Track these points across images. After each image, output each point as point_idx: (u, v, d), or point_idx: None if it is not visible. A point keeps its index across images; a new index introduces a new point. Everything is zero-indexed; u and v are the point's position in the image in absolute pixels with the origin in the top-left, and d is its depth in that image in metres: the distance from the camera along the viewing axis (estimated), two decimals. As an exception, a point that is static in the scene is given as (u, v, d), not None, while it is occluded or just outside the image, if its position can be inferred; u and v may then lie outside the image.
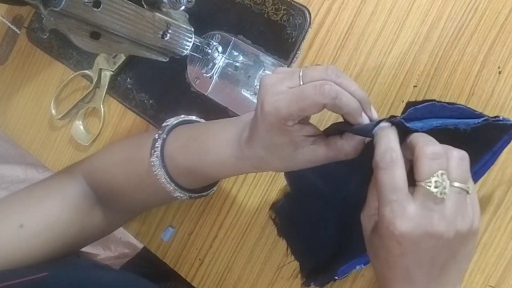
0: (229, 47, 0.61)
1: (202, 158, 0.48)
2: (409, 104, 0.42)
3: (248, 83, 0.60)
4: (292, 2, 0.59)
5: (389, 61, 0.54)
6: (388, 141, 0.38)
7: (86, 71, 0.70)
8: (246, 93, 0.60)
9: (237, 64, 0.61)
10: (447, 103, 0.42)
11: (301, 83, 0.40)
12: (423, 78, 0.53)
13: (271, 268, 0.58)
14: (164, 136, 0.51)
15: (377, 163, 0.37)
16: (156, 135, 0.51)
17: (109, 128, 0.69)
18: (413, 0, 0.54)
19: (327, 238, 0.53)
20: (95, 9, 0.48)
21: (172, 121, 0.54)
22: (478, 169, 0.45)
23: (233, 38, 0.61)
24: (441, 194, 0.36)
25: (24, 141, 0.76)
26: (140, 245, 0.93)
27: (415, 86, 0.53)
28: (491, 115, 0.43)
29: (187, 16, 0.61)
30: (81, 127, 0.71)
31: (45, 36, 0.74)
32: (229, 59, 0.61)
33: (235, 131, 0.46)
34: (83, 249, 0.78)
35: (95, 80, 0.69)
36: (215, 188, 0.56)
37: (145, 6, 0.54)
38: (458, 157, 0.37)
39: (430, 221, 0.36)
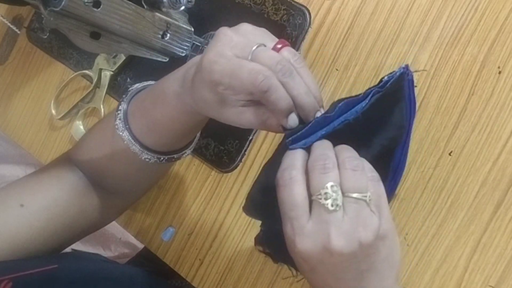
0: (229, 47, 0.61)
1: (154, 104, 0.47)
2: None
3: (248, 83, 0.60)
4: (292, 2, 0.59)
5: (389, 61, 0.54)
6: (291, 158, 0.38)
7: (86, 71, 0.70)
8: (246, 93, 0.60)
9: (237, 64, 0.61)
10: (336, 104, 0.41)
11: (249, 58, 0.39)
12: (423, 78, 0.53)
13: (271, 268, 0.58)
14: (129, 98, 0.50)
15: (277, 181, 0.37)
16: (121, 99, 0.51)
17: (109, 128, 0.69)
18: (413, 0, 0.54)
19: None
20: (95, 9, 0.48)
21: (137, 85, 0.53)
22: (409, 119, 0.43)
23: (233, 38, 0.61)
24: (332, 206, 0.35)
25: (24, 141, 0.76)
26: (140, 245, 0.93)
27: (415, 86, 0.53)
28: (490, 115, 0.43)
29: (187, 16, 0.61)
30: (81, 127, 0.71)
31: (45, 36, 0.74)
32: (229, 59, 0.61)
33: (183, 70, 0.45)
34: (83, 249, 0.78)
35: (95, 80, 0.69)
36: (188, 151, 0.53)
37: (145, 6, 0.54)
38: (351, 168, 0.37)
39: (327, 236, 0.35)
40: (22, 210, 0.50)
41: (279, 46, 0.41)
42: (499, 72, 0.50)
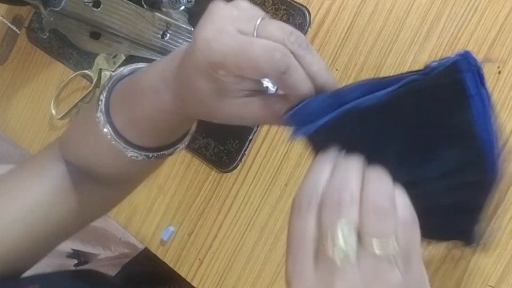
0: (229, 47, 0.61)
1: (133, 99, 0.40)
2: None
3: (248, 83, 0.60)
4: (292, 2, 0.59)
5: (389, 61, 0.54)
6: (317, 172, 0.30)
7: (86, 71, 0.70)
8: (246, 93, 0.60)
9: (237, 64, 0.61)
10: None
11: (255, 34, 0.32)
12: (423, 78, 0.53)
13: (271, 268, 0.58)
14: (111, 87, 0.42)
15: (294, 201, 0.30)
16: (102, 87, 0.43)
17: (109, 128, 0.69)
18: (413, 0, 0.54)
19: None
20: (95, 9, 0.48)
21: (121, 69, 0.44)
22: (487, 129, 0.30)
23: (233, 38, 0.61)
24: (341, 259, 0.27)
25: (24, 141, 0.76)
26: (140, 245, 0.93)
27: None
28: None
29: (187, 16, 0.61)
30: (81, 127, 0.71)
31: (45, 36, 0.74)
32: (229, 59, 0.61)
33: (163, 62, 0.39)
34: (83, 249, 0.78)
35: (95, 80, 0.69)
36: (181, 146, 0.45)
37: (145, 6, 0.54)
38: (376, 206, 0.28)
39: None
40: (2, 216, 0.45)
41: None
42: (499, 72, 0.50)
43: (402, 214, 0.29)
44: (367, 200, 0.28)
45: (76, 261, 0.94)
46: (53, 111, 0.72)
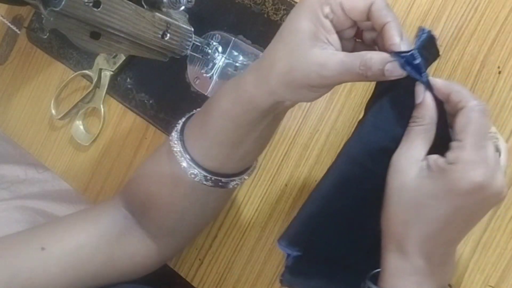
0: (229, 47, 0.61)
1: (208, 106, 0.46)
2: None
3: (248, 83, 0.60)
4: (292, 2, 0.59)
5: (389, 61, 0.54)
6: (466, 93, 0.37)
7: (86, 71, 0.70)
8: (246, 93, 0.60)
9: (237, 64, 0.61)
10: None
11: None
12: (423, 78, 0.53)
13: (271, 268, 0.58)
14: (188, 117, 0.50)
15: (475, 104, 0.36)
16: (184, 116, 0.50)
17: (109, 128, 0.69)
18: (413, 0, 0.54)
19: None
20: (95, 9, 0.48)
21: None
22: None
23: (233, 38, 0.61)
24: (494, 140, 0.38)
25: (24, 141, 0.76)
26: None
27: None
28: (490, 115, 0.42)
29: (187, 16, 0.61)
30: (81, 127, 0.71)
31: (45, 36, 0.74)
32: (229, 59, 0.61)
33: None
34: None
35: (95, 80, 0.69)
36: (238, 180, 0.49)
37: (145, 6, 0.54)
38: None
39: (501, 172, 0.37)
40: (42, 254, 0.47)
41: None
42: (499, 72, 0.50)
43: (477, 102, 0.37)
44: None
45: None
46: (53, 111, 0.72)
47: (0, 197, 0.65)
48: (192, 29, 0.60)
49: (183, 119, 0.49)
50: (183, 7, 0.57)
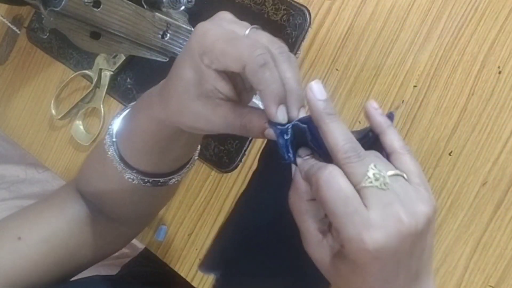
0: (229, 47, 0.61)
1: (132, 114, 0.45)
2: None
3: (248, 83, 0.60)
4: (292, 2, 0.59)
5: (389, 61, 0.54)
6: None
7: (86, 71, 0.70)
8: (246, 93, 0.60)
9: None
10: None
11: (245, 34, 0.37)
12: (423, 78, 0.53)
13: (271, 268, 0.58)
14: (121, 113, 0.47)
15: (313, 181, 0.33)
16: (115, 115, 0.48)
17: (109, 128, 0.69)
18: (413, 0, 0.54)
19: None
20: (95, 9, 0.48)
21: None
22: None
23: (233, 38, 0.61)
24: (384, 185, 0.32)
25: (24, 141, 0.76)
26: (140, 245, 0.93)
27: (415, 86, 0.53)
28: (491, 115, 0.42)
29: (187, 16, 0.61)
30: (81, 127, 0.71)
31: (45, 36, 0.74)
32: (229, 59, 0.61)
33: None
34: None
35: (95, 80, 0.69)
36: (176, 177, 0.48)
37: (145, 6, 0.54)
38: (375, 156, 0.34)
39: (397, 218, 0.31)
40: (19, 244, 0.48)
41: None
42: (499, 72, 0.50)
43: (402, 145, 0.35)
44: (371, 153, 0.34)
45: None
46: (53, 111, 0.72)
47: (0, 197, 0.65)
48: (192, 29, 0.60)
49: (115, 119, 0.47)
50: (183, 7, 0.57)
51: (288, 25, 0.59)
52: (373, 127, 0.37)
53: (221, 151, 0.61)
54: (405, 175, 0.34)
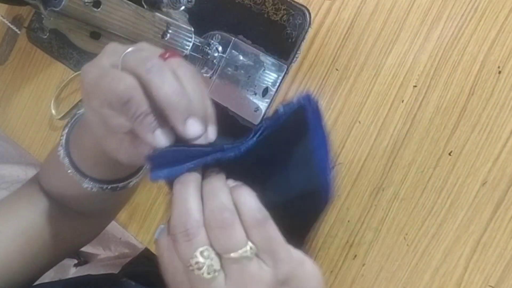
0: (229, 47, 0.61)
1: (84, 127, 0.44)
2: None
3: (248, 83, 0.60)
4: (292, 2, 0.59)
5: (389, 61, 0.54)
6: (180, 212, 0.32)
7: (86, 71, 0.70)
8: (246, 93, 0.60)
9: (237, 64, 0.61)
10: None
11: (119, 66, 0.35)
12: (423, 78, 0.53)
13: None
14: (73, 122, 0.46)
15: (157, 245, 0.33)
16: (65, 124, 0.47)
17: (109, 128, 0.69)
18: (413, 0, 0.54)
19: None
20: (95, 9, 0.48)
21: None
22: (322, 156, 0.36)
23: (233, 38, 0.61)
24: (209, 273, 0.30)
25: (24, 141, 0.76)
26: (140, 245, 0.93)
27: (415, 86, 0.53)
28: (490, 115, 0.42)
29: (187, 16, 0.61)
30: (81, 127, 0.71)
31: (45, 36, 0.74)
32: (229, 59, 0.61)
33: None
34: (83, 249, 0.78)
35: (95, 80, 0.69)
36: (134, 180, 0.48)
37: (145, 6, 0.54)
38: (218, 226, 0.31)
39: None
40: None
41: (166, 55, 0.36)
42: (499, 72, 0.50)
43: (251, 216, 0.31)
44: (210, 225, 0.31)
45: (76, 261, 0.94)
46: (53, 111, 0.72)
47: (0, 197, 0.65)
48: (192, 29, 0.60)
49: (66, 129, 0.46)
50: (183, 7, 0.57)
51: (288, 25, 0.59)
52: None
53: (221, 151, 0.61)
54: (250, 252, 0.31)
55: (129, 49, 0.35)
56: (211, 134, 0.36)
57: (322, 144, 0.36)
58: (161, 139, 0.34)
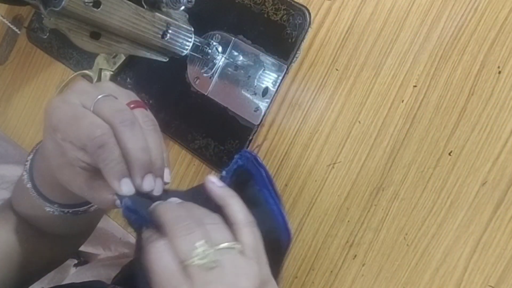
0: (229, 47, 0.61)
1: (42, 154, 0.45)
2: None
3: (248, 83, 0.60)
4: (292, 2, 0.59)
5: (389, 61, 0.54)
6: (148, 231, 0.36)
7: (86, 71, 0.70)
8: (246, 93, 0.60)
9: (237, 64, 0.61)
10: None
11: (91, 109, 0.37)
12: (423, 78, 0.53)
13: (271, 268, 0.58)
14: (37, 148, 0.47)
15: (148, 251, 0.34)
16: (32, 149, 0.48)
17: (109, 128, 0.69)
18: (413, 0, 0.54)
19: None
20: (95, 9, 0.48)
21: None
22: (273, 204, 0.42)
23: (233, 38, 0.61)
24: (211, 263, 0.33)
25: (24, 141, 0.76)
26: (140, 245, 0.93)
27: (415, 86, 0.53)
28: (490, 115, 0.42)
29: (187, 16, 0.61)
30: (81, 127, 0.71)
31: (45, 36, 0.74)
32: (229, 59, 0.61)
33: None
34: (83, 249, 0.78)
35: (95, 80, 0.69)
36: (94, 205, 0.49)
37: (145, 6, 0.54)
38: (210, 223, 0.35)
39: None
40: None
41: (132, 105, 0.39)
42: (499, 72, 0.50)
43: (242, 218, 0.37)
44: (202, 221, 0.35)
45: (76, 261, 0.94)
46: (53, 111, 0.72)
47: (0, 197, 0.65)
48: (192, 29, 0.60)
49: (31, 155, 0.47)
50: (183, 7, 0.57)
51: (288, 25, 0.59)
52: (216, 201, 0.39)
53: (221, 151, 0.61)
54: (239, 247, 0.35)
55: (100, 96, 0.38)
56: (160, 187, 0.39)
57: (264, 185, 0.41)
58: (126, 187, 0.37)
